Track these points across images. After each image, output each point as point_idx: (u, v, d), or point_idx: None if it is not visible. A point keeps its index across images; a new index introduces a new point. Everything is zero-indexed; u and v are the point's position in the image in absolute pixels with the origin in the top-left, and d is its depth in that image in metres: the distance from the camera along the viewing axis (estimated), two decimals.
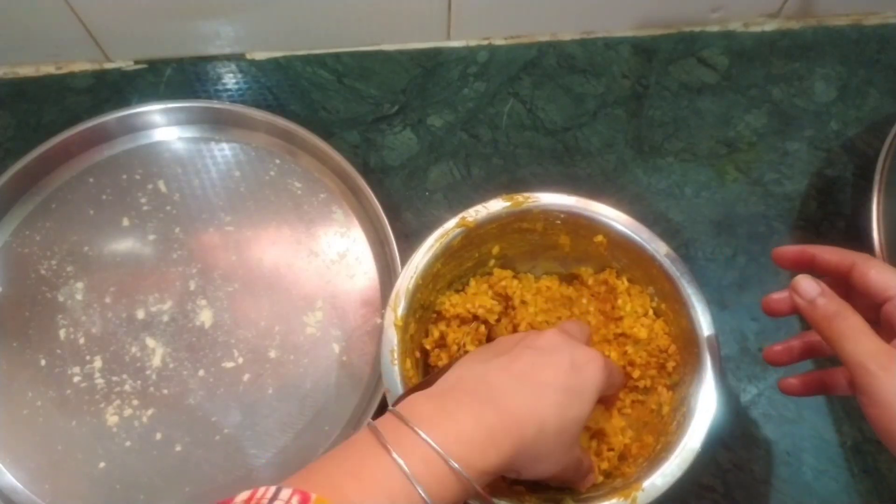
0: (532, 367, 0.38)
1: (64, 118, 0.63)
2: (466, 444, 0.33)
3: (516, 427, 0.35)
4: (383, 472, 0.32)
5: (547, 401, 0.36)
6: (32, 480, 0.51)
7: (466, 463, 0.33)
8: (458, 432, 0.34)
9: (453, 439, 0.33)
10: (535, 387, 0.37)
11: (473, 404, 0.35)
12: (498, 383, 0.37)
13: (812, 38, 0.69)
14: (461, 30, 0.67)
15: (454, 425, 0.34)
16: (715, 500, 0.52)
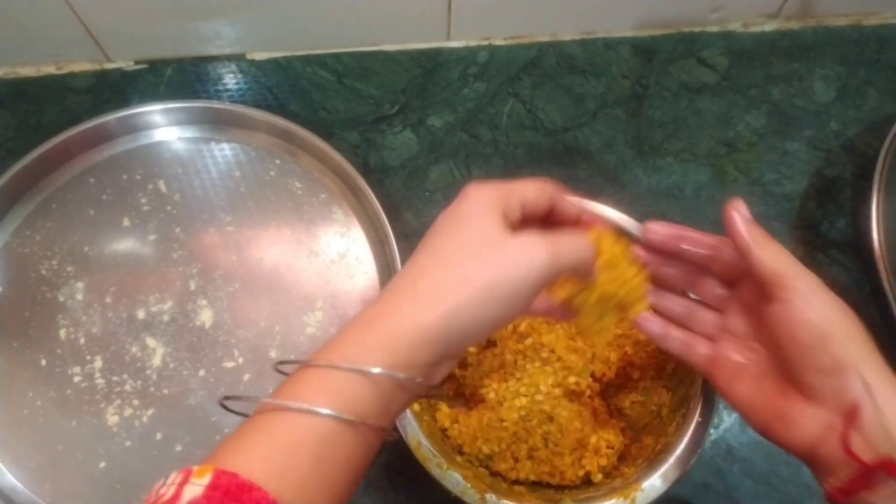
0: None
1: (64, 118, 0.63)
2: (375, 351, 0.29)
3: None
4: (290, 423, 0.28)
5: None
6: (33, 480, 0.51)
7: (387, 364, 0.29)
8: (363, 349, 0.30)
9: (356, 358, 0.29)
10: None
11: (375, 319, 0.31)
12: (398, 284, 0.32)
13: (812, 39, 0.69)
14: (461, 30, 0.67)
15: (353, 347, 0.30)
16: (715, 500, 0.52)
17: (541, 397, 0.50)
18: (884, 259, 0.55)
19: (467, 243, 0.31)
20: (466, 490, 0.44)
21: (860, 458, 0.32)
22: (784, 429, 0.36)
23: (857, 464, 0.32)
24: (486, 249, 0.31)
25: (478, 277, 0.30)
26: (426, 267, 0.31)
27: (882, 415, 0.32)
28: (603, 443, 0.48)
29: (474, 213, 0.32)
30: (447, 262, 0.31)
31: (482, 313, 0.30)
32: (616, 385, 0.51)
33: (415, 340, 0.29)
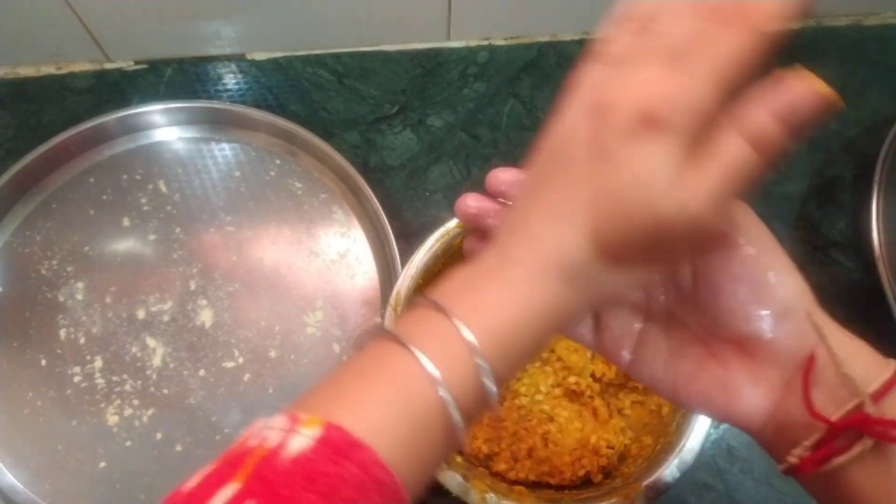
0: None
1: (64, 118, 0.63)
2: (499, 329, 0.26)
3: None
4: (394, 374, 0.26)
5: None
6: (33, 480, 0.51)
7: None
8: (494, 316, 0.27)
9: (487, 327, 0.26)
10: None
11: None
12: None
13: (812, 38, 0.69)
14: (461, 30, 0.67)
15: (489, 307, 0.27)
16: (715, 500, 0.52)
17: (541, 397, 0.50)
18: (884, 259, 0.55)
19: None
20: (466, 490, 0.44)
21: (827, 418, 0.27)
22: (728, 400, 0.30)
23: (823, 425, 0.27)
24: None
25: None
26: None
27: (841, 362, 0.27)
28: (603, 443, 0.48)
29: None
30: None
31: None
32: (616, 385, 0.51)
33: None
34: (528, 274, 0.26)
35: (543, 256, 0.27)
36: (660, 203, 0.24)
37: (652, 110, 0.24)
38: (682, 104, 0.24)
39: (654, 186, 0.24)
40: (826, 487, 0.29)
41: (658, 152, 0.24)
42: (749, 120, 0.24)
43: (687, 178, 0.24)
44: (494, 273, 0.28)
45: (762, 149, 0.24)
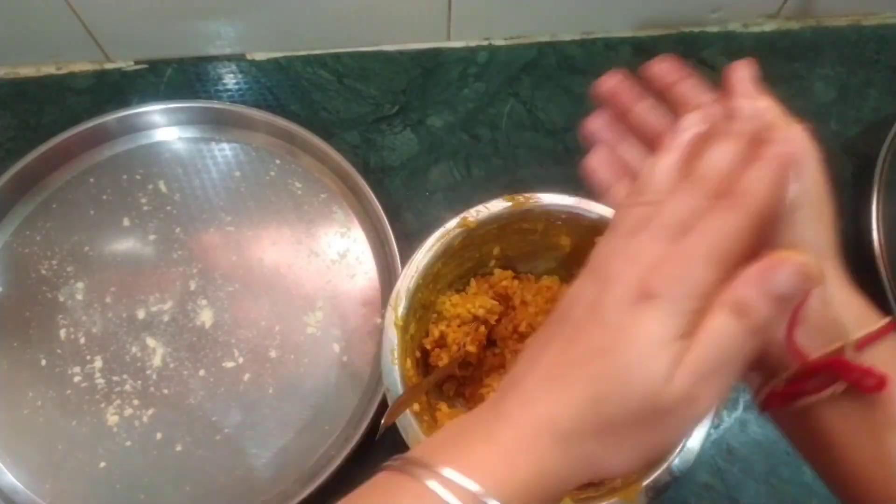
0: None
1: (64, 118, 0.63)
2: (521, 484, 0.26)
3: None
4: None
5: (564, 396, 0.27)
6: (33, 480, 0.51)
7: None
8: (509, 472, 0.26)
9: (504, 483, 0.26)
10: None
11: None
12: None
13: (811, 39, 0.69)
14: (461, 30, 0.67)
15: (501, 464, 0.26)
16: (715, 500, 0.52)
17: None
18: (884, 259, 0.55)
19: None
20: None
21: (805, 355, 0.28)
22: None
23: (800, 363, 0.28)
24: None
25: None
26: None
27: (832, 306, 0.28)
28: None
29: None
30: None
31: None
32: None
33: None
34: (519, 435, 0.26)
35: (536, 418, 0.26)
36: (650, 377, 0.25)
37: (650, 282, 0.26)
38: (677, 278, 0.25)
39: (648, 355, 0.25)
40: (797, 425, 0.31)
41: (653, 321, 0.25)
42: (736, 295, 0.25)
43: (681, 353, 0.25)
44: (485, 429, 0.27)
45: (748, 323, 0.25)
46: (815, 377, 0.28)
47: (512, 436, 0.26)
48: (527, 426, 0.26)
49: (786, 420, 0.31)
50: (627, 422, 0.25)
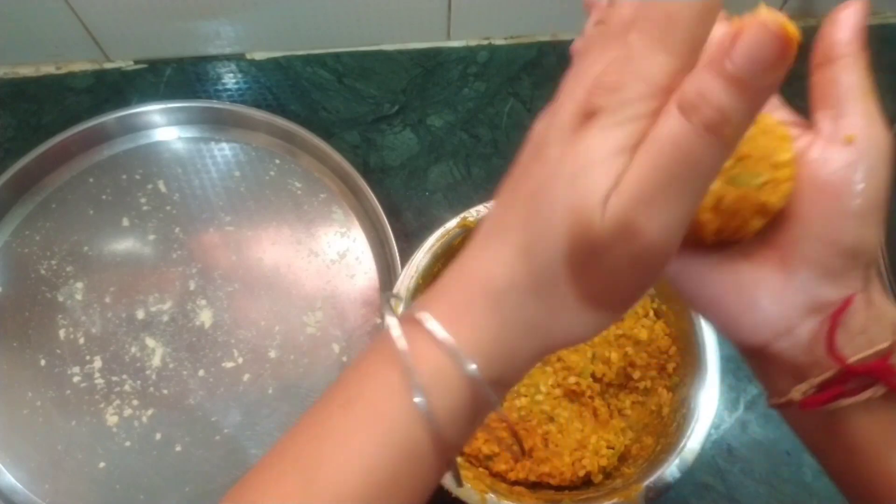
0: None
1: (64, 118, 0.63)
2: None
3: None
4: (377, 390, 0.24)
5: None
6: (32, 480, 0.51)
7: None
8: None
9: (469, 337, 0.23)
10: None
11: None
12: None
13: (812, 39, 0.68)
14: (461, 30, 0.67)
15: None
16: (715, 500, 0.52)
17: (541, 397, 0.50)
18: (884, 259, 0.55)
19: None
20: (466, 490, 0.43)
21: (845, 359, 0.25)
22: (741, 305, 0.27)
23: (837, 365, 0.25)
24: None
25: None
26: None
27: (872, 305, 0.26)
28: (603, 443, 0.48)
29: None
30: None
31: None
32: (616, 385, 0.51)
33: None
34: (456, 300, 0.24)
35: (469, 278, 0.24)
36: (580, 204, 0.20)
37: (591, 96, 0.21)
38: (620, 81, 0.20)
39: (581, 177, 0.20)
40: (820, 428, 0.28)
41: (592, 139, 0.20)
42: (687, 85, 0.19)
43: (621, 171, 0.20)
44: (444, 290, 0.25)
45: (702, 119, 0.19)
46: (852, 380, 0.26)
47: (453, 301, 0.24)
48: (462, 290, 0.23)
49: (806, 421, 0.29)
50: (562, 270, 0.21)
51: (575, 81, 0.22)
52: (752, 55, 0.18)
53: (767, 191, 0.27)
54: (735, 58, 0.18)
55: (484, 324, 0.23)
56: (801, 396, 0.26)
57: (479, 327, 0.23)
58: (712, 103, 0.19)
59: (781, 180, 0.27)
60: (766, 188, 0.27)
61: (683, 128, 0.19)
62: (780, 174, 0.27)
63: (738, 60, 0.18)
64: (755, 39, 0.18)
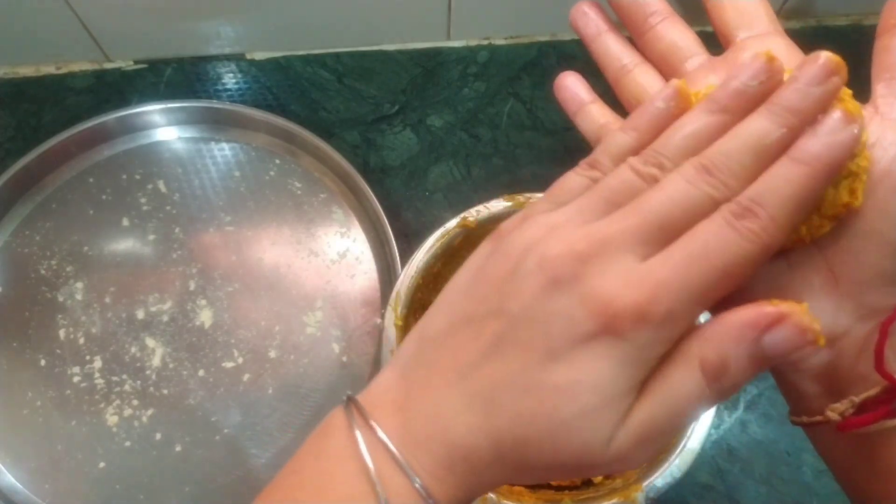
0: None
1: (64, 118, 0.63)
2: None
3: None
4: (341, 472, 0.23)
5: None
6: (32, 480, 0.51)
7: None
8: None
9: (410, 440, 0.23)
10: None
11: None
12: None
13: (812, 39, 0.68)
14: (461, 30, 0.67)
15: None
16: (715, 500, 0.52)
17: None
18: None
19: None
20: None
21: (893, 376, 0.23)
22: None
23: (887, 383, 0.23)
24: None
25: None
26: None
27: None
28: None
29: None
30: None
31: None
32: None
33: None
34: (434, 460, 0.23)
35: (451, 443, 0.23)
36: (590, 441, 0.21)
37: (614, 303, 0.20)
38: (649, 309, 0.20)
39: (593, 414, 0.20)
40: (851, 449, 0.25)
41: (607, 366, 0.20)
42: (709, 349, 0.20)
43: (630, 410, 0.21)
44: (404, 414, 0.24)
45: (718, 387, 0.20)
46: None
47: (426, 456, 0.23)
48: (442, 450, 0.23)
49: (837, 443, 0.26)
50: (552, 470, 0.23)
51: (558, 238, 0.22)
52: (783, 350, 0.20)
53: (847, 188, 0.22)
54: (769, 349, 0.20)
55: (462, 481, 0.23)
56: (840, 417, 0.24)
57: (451, 484, 0.23)
58: (738, 378, 0.20)
59: (860, 172, 0.22)
60: (845, 185, 0.22)
61: (701, 389, 0.20)
62: (859, 164, 0.22)
63: (771, 352, 0.20)
64: (790, 340, 0.20)
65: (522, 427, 0.21)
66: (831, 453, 0.27)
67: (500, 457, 0.22)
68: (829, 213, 0.23)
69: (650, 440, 0.21)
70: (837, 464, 0.27)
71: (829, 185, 0.22)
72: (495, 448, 0.22)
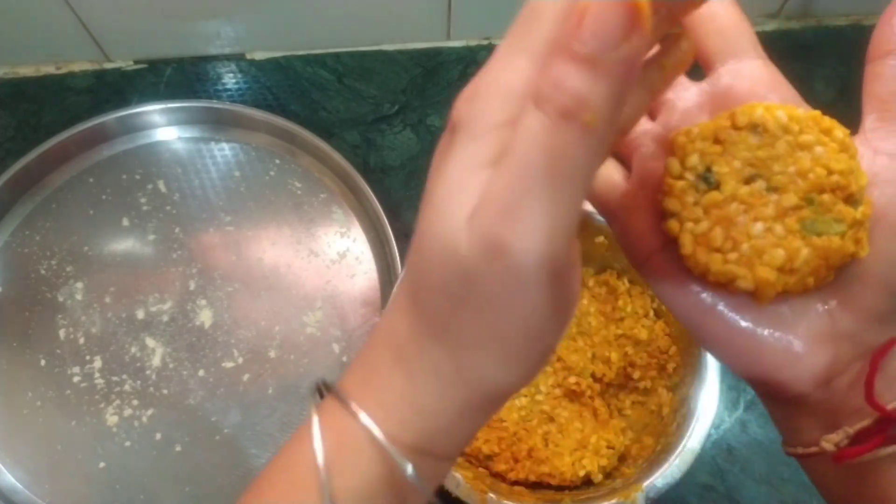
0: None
1: (64, 118, 0.63)
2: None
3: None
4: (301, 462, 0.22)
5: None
6: (32, 480, 0.51)
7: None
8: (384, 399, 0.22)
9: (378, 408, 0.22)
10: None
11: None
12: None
13: (812, 38, 0.68)
14: (461, 30, 0.67)
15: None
16: (715, 500, 0.52)
17: (541, 397, 0.50)
18: None
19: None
20: (467, 490, 0.43)
21: (885, 407, 0.22)
22: (778, 355, 0.24)
23: (878, 415, 0.23)
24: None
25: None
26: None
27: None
28: (603, 443, 0.48)
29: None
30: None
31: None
32: (616, 385, 0.51)
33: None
34: (370, 360, 0.22)
35: (377, 336, 0.22)
36: (446, 226, 0.19)
37: (453, 113, 0.20)
38: (479, 90, 0.19)
39: (446, 198, 0.19)
40: (844, 478, 0.25)
41: (455, 153, 0.19)
42: (540, 78, 0.17)
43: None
44: (350, 370, 0.23)
45: (556, 107, 0.17)
46: (891, 429, 0.23)
47: (365, 361, 0.22)
48: (371, 348, 0.22)
49: (829, 472, 0.26)
50: (445, 305, 0.20)
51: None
52: (598, 31, 0.16)
53: (852, 238, 0.22)
54: (581, 37, 0.16)
55: (390, 381, 0.21)
56: (835, 448, 0.24)
57: (385, 387, 0.21)
58: (566, 90, 0.17)
59: (864, 220, 0.22)
60: (850, 235, 0.22)
61: (541, 123, 0.17)
62: (864, 212, 0.22)
63: (586, 39, 0.16)
64: (599, 14, 0.16)
65: (409, 263, 0.20)
66: (825, 482, 0.27)
67: (408, 319, 0.21)
68: (835, 263, 0.22)
69: (514, 205, 0.17)
70: (831, 493, 0.27)
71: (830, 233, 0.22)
72: (402, 312, 0.21)
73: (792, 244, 0.22)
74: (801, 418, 0.25)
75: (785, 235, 0.22)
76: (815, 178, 0.22)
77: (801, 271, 0.22)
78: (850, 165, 0.22)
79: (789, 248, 0.22)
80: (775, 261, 0.22)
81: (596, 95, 0.17)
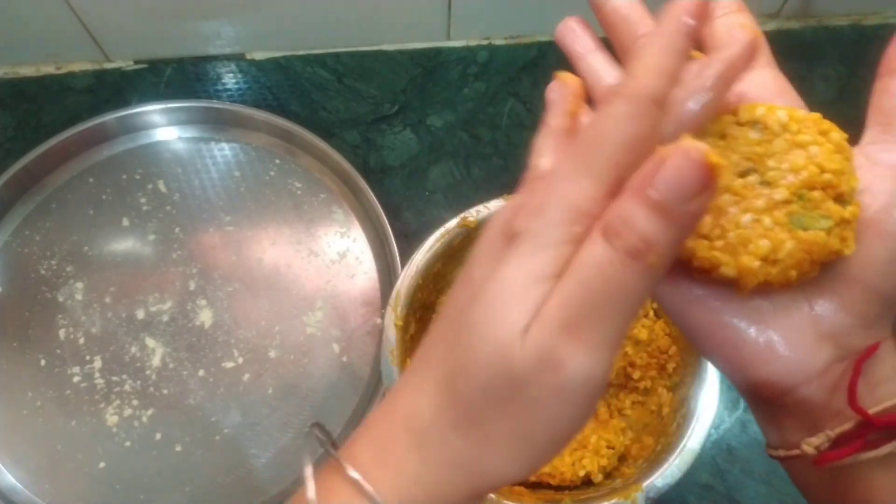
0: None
1: (64, 118, 0.63)
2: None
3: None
4: None
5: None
6: (32, 480, 0.51)
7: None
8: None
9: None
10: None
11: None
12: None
13: (812, 38, 0.68)
14: (461, 30, 0.67)
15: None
16: (715, 500, 0.52)
17: None
18: None
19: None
20: None
21: (866, 411, 0.23)
22: (758, 351, 0.24)
23: (859, 418, 0.23)
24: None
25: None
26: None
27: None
28: (603, 443, 0.48)
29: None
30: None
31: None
32: (616, 385, 0.51)
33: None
34: (381, 438, 0.23)
35: (394, 415, 0.22)
36: (500, 335, 0.19)
37: (514, 220, 0.20)
38: (543, 204, 0.20)
39: (501, 306, 0.20)
40: (825, 482, 0.26)
41: (513, 263, 0.20)
42: (610, 211, 0.19)
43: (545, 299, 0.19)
44: (357, 441, 0.24)
45: (625, 245, 0.18)
46: (872, 433, 0.23)
47: (378, 439, 0.23)
48: (387, 427, 0.23)
49: (812, 476, 0.26)
50: (483, 402, 0.20)
51: (498, 218, 0.22)
52: (674, 184, 0.18)
53: (838, 235, 0.22)
54: (658, 185, 0.18)
55: (406, 465, 0.22)
56: (815, 451, 0.24)
57: (400, 469, 0.22)
58: (635, 230, 0.18)
59: (852, 219, 0.22)
60: (836, 232, 0.22)
61: (607, 254, 0.19)
62: (852, 212, 0.22)
63: (661, 188, 0.18)
64: (677, 168, 0.18)
65: (447, 358, 0.21)
66: (806, 485, 0.27)
67: (435, 408, 0.21)
68: (819, 259, 0.23)
69: (572, 326, 0.19)
70: (812, 495, 0.27)
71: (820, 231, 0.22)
72: (430, 400, 0.21)
73: (778, 236, 0.22)
74: (783, 420, 0.25)
75: (772, 227, 0.22)
76: (807, 175, 0.23)
77: (785, 263, 0.22)
78: (843, 166, 0.23)
79: (774, 240, 0.22)
80: (759, 250, 0.22)
81: (662, 240, 0.18)
